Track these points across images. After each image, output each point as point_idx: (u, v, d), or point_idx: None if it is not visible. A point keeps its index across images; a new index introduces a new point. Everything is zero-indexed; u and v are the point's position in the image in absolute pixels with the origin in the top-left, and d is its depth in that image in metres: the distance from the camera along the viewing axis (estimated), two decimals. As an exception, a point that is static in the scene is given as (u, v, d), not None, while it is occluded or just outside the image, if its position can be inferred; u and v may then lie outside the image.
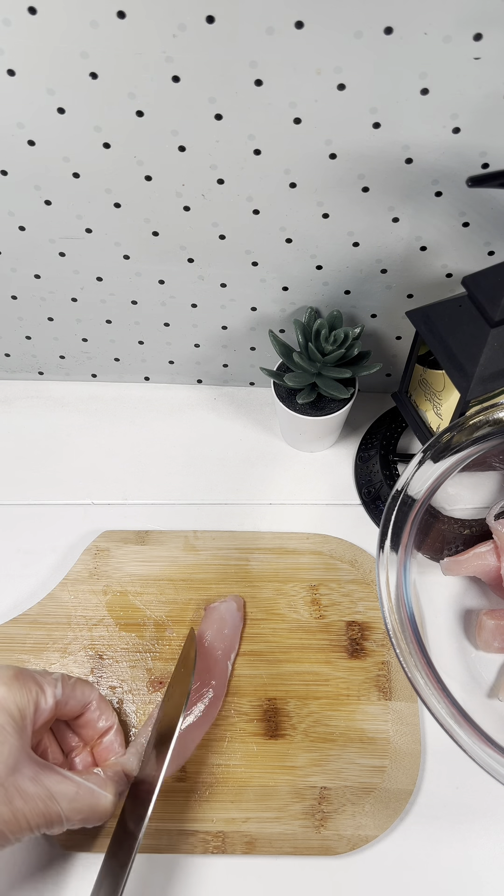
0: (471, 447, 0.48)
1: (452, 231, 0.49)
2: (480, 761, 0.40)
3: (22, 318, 0.60)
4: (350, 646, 0.53)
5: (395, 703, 0.51)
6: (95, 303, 0.57)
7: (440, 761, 0.50)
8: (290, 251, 0.52)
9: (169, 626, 0.54)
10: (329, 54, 0.39)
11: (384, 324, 0.58)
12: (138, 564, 0.56)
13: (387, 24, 0.38)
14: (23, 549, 0.58)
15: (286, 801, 0.48)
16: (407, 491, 0.47)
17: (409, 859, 0.47)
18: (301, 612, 0.54)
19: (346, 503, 0.61)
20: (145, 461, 0.63)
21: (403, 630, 0.43)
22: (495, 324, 0.44)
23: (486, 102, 0.41)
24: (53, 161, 0.46)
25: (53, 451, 0.63)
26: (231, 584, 0.55)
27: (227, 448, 0.63)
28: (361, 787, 0.48)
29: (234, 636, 0.52)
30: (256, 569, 0.56)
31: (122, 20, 0.38)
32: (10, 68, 0.41)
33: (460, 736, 0.40)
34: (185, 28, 0.38)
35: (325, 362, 0.53)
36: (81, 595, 0.55)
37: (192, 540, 0.57)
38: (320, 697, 0.51)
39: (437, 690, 0.42)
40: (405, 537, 0.46)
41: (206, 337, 0.61)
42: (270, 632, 0.53)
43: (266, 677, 0.52)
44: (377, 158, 0.45)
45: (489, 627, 0.51)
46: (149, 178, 0.47)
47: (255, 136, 0.44)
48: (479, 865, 0.47)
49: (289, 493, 0.61)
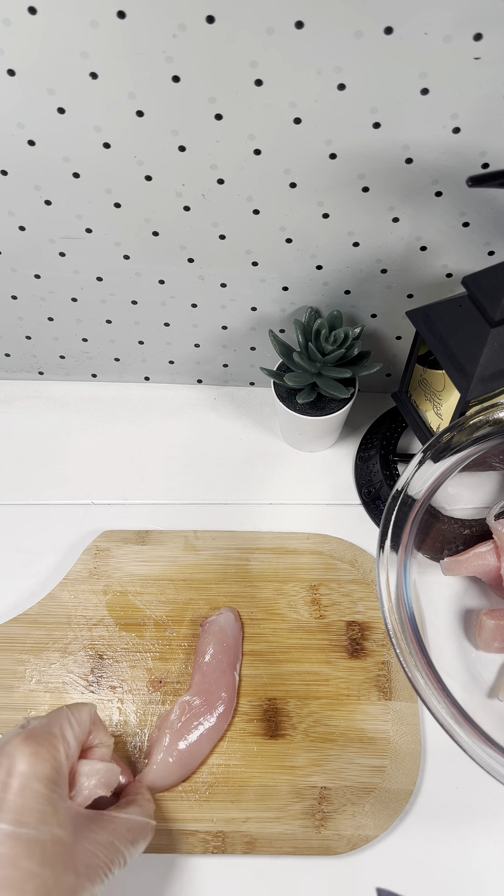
0: (471, 447, 0.48)
1: (452, 231, 0.49)
2: (480, 761, 0.40)
3: (22, 318, 0.60)
4: (350, 646, 0.53)
5: (395, 703, 0.51)
6: (95, 303, 0.57)
7: (440, 761, 0.50)
8: (290, 251, 0.52)
9: (169, 626, 0.54)
10: (329, 54, 0.39)
11: (384, 324, 0.58)
12: (138, 564, 0.56)
13: (387, 24, 0.38)
14: (23, 549, 0.58)
15: (286, 800, 0.48)
16: (407, 491, 0.47)
17: (409, 859, 0.47)
18: (301, 612, 0.54)
19: (346, 503, 0.61)
20: (145, 461, 0.63)
21: (403, 630, 0.43)
22: (495, 323, 0.44)
23: (486, 102, 0.41)
24: (53, 161, 0.46)
25: (53, 451, 0.63)
26: (231, 583, 0.55)
27: (227, 448, 0.63)
28: (361, 786, 0.48)
29: (236, 646, 0.52)
30: (256, 568, 0.56)
31: (122, 20, 0.38)
32: (10, 68, 0.41)
33: (460, 736, 0.40)
34: (185, 28, 0.38)
35: (325, 362, 0.53)
36: (81, 595, 0.55)
37: (192, 540, 0.57)
38: (320, 697, 0.51)
39: (438, 690, 0.42)
40: (405, 537, 0.46)
41: (206, 337, 0.61)
42: (270, 632, 0.54)
43: (266, 677, 0.52)
44: (377, 158, 0.45)
45: (489, 627, 0.51)
46: (149, 178, 0.47)
47: (255, 136, 0.44)
48: (480, 865, 0.47)
49: (289, 493, 0.61)
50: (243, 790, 0.48)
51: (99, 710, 0.50)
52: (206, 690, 0.50)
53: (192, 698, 0.50)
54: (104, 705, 0.51)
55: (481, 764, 0.40)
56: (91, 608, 0.54)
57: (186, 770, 0.48)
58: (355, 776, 0.49)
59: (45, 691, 0.51)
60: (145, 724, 0.50)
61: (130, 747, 0.50)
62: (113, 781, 0.42)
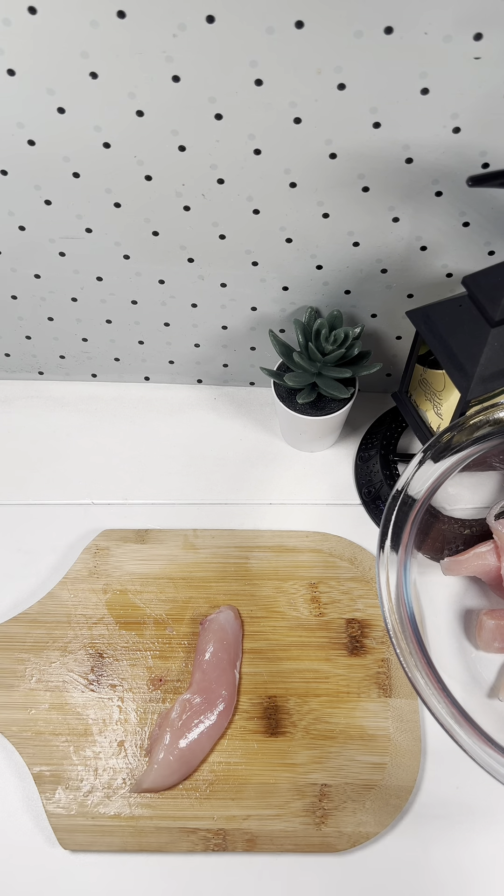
0: (471, 447, 0.48)
1: (452, 231, 0.49)
2: (480, 761, 0.40)
3: (22, 318, 0.60)
4: (350, 643, 0.53)
5: (395, 700, 0.51)
6: (95, 303, 0.57)
7: (440, 761, 0.50)
8: (290, 251, 0.52)
9: (169, 625, 0.54)
10: (329, 54, 0.39)
11: (384, 324, 0.58)
12: (138, 563, 0.56)
13: (387, 24, 0.38)
14: (23, 549, 0.58)
15: (287, 798, 0.48)
16: (407, 491, 0.47)
17: (409, 856, 0.47)
18: (301, 610, 0.54)
19: (346, 503, 0.61)
20: (145, 461, 0.63)
21: (404, 630, 0.43)
22: (496, 323, 0.44)
23: (486, 102, 0.41)
24: (53, 161, 0.46)
25: (53, 450, 0.63)
26: (231, 581, 0.55)
27: (227, 448, 0.63)
28: (362, 784, 0.48)
29: (236, 644, 0.52)
30: (256, 567, 0.56)
31: (122, 20, 0.38)
32: (10, 68, 0.41)
33: (460, 736, 0.40)
34: (185, 28, 0.38)
35: (326, 362, 0.53)
36: (81, 594, 0.55)
37: (191, 538, 0.57)
38: (320, 695, 0.51)
39: (438, 690, 0.42)
40: (405, 537, 0.46)
41: (206, 337, 0.61)
42: (270, 630, 0.54)
43: (266, 675, 0.52)
44: (377, 158, 0.45)
45: (489, 627, 0.52)
46: (149, 178, 0.47)
47: (255, 136, 0.44)
48: (479, 864, 0.47)
49: (289, 492, 0.61)
50: (244, 788, 0.48)
51: (99, 708, 0.51)
52: (207, 688, 0.50)
53: (192, 696, 0.50)
54: (104, 703, 0.51)
55: (481, 763, 0.40)
56: (91, 607, 0.54)
57: (188, 768, 0.48)
58: (356, 773, 0.49)
59: (45, 690, 0.51)
60: (146, 722, 0.50)
61: (131, 745, 0.50)
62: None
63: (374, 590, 0.54)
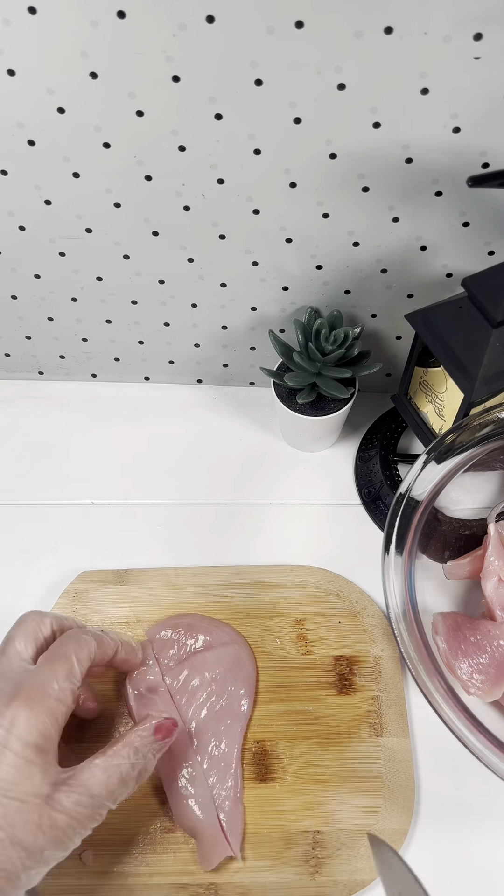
0: (474, 448, 0.48)
1: (452, 231, 0.49)
2: (493, 766, 0.39)
3: (22, 318, 0.60)
4: (338, 681, 0.51)
5: (387, 740, 0.49)
6: (95, 303, 0.57)
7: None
8: (290, 251, 0.52)
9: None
10: (329, 54, 0.39)
11: (384, 324, 0.58)
12: (119, 606, 0.54)
13: (387, 24, 0.38)
14: (23, 549, 0.58)
15: (279, 847, 0.46)
16: (411, 493, 0.47)
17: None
18: (287, 649, 0.52)
19: (346, 503, 0.61)
20: (145, 461, 0.63)
21: (410, 634, 0.43)
22: (497, 324, 0.43)
23: (486, 102, 0.41)
24: (53, 161, 0.46)
25: (53, 451, 0.63)
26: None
27: (228, 448, 0.63)
28: (356, 828, 0.47)
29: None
30: (240, 605, 0.54)
31: (122, 20, 0.38)
32: (10, 68, 0.41)
33: (476, 746, 0.40)
34: (185, 28, 0.38)
35: (325, 362, 0.53)
36: None
37: (172, 578, 0.55)
38: (310, 737, 0.49)
39: (447, 696, 0.41)
40: (410, 540, 0.46)
41: (206, 337, 0.61)
42: (257, 671, 0.52)
43: (254, 719, 0.50)
44: (377, 158, 0.44)
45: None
46: (149, 178, 0.47)
47: (255, 136, 0.44)
48: (480, 888, 0.46)
49: (289, 493, 0.61)
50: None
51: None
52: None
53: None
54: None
55: (495, 771, 0.39)
56: None
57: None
58: (349, 818, 0.47)
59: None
60: None
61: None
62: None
63: (361, 624, 0.53)
